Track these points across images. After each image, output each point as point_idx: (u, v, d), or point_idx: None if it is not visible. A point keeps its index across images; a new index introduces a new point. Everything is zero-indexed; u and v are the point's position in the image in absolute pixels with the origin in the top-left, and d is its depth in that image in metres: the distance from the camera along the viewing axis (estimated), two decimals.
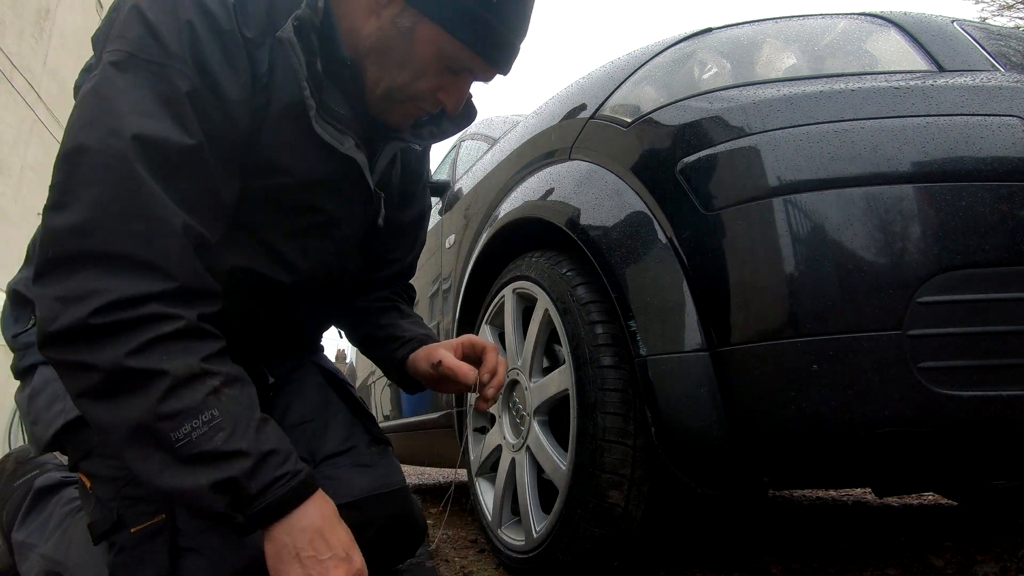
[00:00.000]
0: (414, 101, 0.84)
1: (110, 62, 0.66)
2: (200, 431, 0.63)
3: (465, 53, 0.79)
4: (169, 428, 0.63)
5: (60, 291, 0.62)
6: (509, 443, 1.26)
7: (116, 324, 0.62)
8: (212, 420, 0.64)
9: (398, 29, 0.78)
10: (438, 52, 0.79)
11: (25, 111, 4.63)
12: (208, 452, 0.64)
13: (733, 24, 1.13)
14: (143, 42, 0.66)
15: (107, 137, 0.63)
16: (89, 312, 0.61)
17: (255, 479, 0.65)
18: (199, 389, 0.65)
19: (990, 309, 0.74)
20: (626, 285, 0.95)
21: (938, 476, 1.01)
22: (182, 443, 0.63)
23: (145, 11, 0.67)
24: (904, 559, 1.12)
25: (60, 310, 0.62)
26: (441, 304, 1.88)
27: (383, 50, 0.80)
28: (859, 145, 0.80)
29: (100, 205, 0.63)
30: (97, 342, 0.62)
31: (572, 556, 1.01)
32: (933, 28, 1.01)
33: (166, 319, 0.64)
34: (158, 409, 0.62)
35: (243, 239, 0.79)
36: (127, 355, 0.62)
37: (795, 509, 1.87)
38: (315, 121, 0.76)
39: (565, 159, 1.21)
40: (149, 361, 0.62)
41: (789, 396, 0.78)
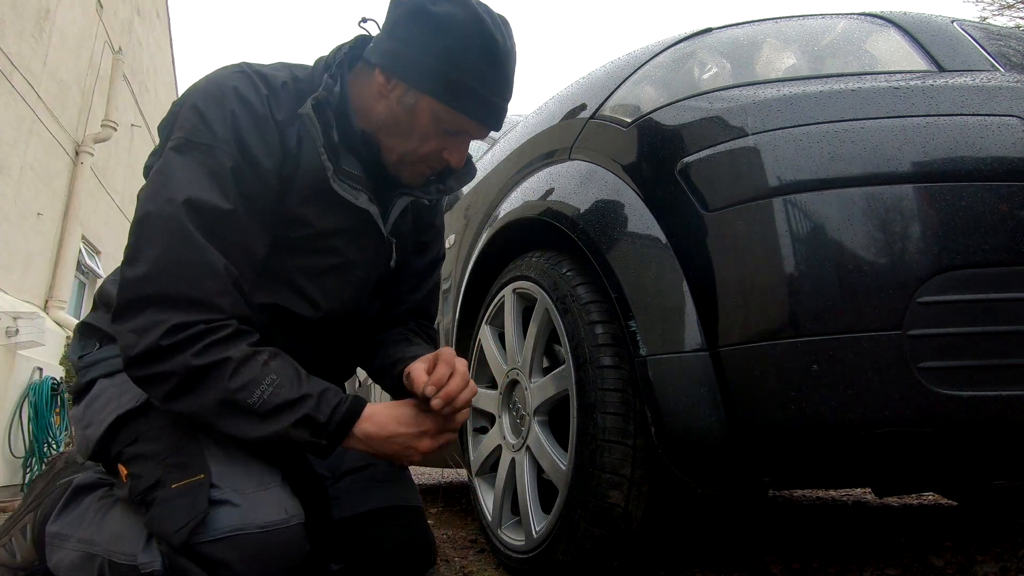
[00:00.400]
0: (424, 162, 1.00)
1: (171, 148, 0.87)
2: (269, 391, 0.83)
3: (461, 119, 0.95)
4: (245, 396, 0.82)
5: (134, 325, 0.81)
6: (509, 443, 1.26)
7: (180, 341, 0.80)
8: (273, 382, 0.83)
9: (403, 107, 0.95)
10: (438, 120, 0.95)
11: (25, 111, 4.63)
12: (281, 404, 0.83)
13: (733, 24, 1.13)
14: (196, 129, 0.86)
15: (164, 204, 0.82)
16: (159, 336, 0.79)
17: (321, 410, 0.85)
18: (255, 364, 0.84)
19: (990, 309, 0.74)
20: (626, 285, 0.95)
21: (938, 476, 1.01)
22: (259, 404, 0.82)
23: (199, 105, 0.88)
24: (904, 559, 1.12)
25: (136, 339, 0.80)
26: (441, 304, 1.88)
27: (393, 124, 0.97)
28: (859, 145, 0.80)
29: (160, 258, 0.81)
30: (169, 356, 0.80)
31: (572, 556, 1.01)
32: (933, 28, 1.01)
33: (217, 329, 0.82)
34: (230, 385, 0.81)
35: (274, 280, 0.95)
36: (193, 356, 0.80)
37: (795, 509, 1.87)
38: (332, 180, 0.93)
39: (565, 159, 1.21)
40: (211, 356, 0.81)
41: (789, 396, 0.78)
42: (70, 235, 5.49)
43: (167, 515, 0.80)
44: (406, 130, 0.97)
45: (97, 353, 0.97)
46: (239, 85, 0.90)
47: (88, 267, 6.48)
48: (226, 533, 0.79)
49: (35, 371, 3.74)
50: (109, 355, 0.96)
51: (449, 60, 0.91)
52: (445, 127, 0.96)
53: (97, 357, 0.96)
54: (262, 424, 0.83)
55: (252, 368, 0.83)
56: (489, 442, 1.35)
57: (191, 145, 0.86)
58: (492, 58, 0.93)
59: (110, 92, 6.19)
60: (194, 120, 0.87)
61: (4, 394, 3.48)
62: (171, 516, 0.80)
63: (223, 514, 0.81)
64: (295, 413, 0.84)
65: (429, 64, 0.92)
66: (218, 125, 0.87)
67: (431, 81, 0.92)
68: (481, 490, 1.39)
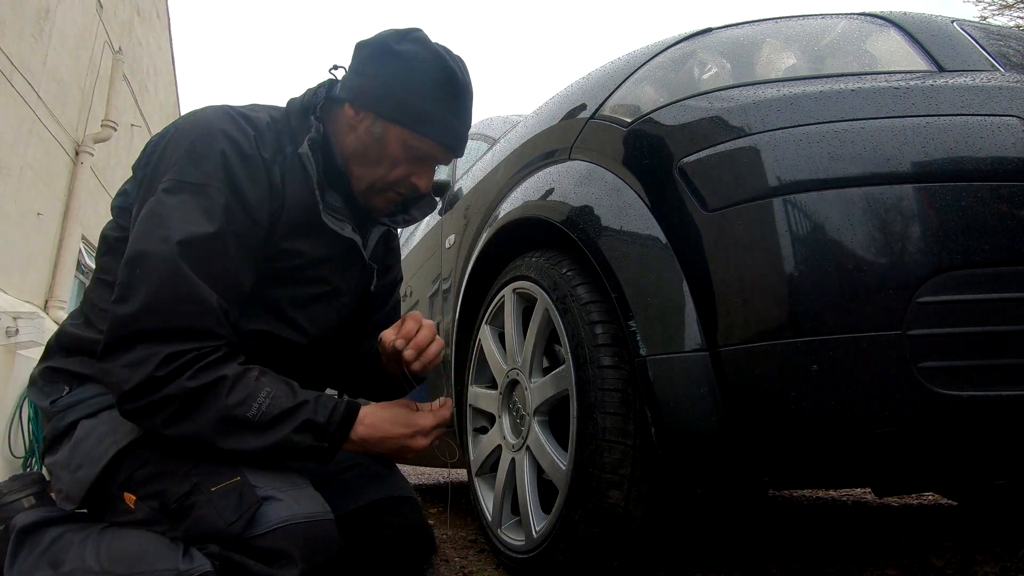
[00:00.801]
0: (393, 188, 1.06)
1: (163, 190, 0.89)
2: (267, 403, 0.85)
3: (428, 144, 1.02)
4: (244, 411, 0.84)
5: (126, 360, 0.82)
6: (509, 443, 1.26)
7: (175, 369, 0.82)
8: (269, 394, 0.86)
9: (372, 136, 1.02)
10: (405, 147, 1.02)
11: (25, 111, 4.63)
12: (280, 413, 0.86)
13: (733, 24, 1.13)
14: (186, 170, 0.90)
15: (159, 244, 0.85)
16: (154, 367, 0.81)
17: (319, 413, 0.89)
18: (249, 380, 0.86)
19: (990, 309, 0.74)
20: (626, 285, 0.95)
21: (938, 476, 1.01)
22: (259, 416, 0.85)
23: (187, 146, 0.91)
24: (904, 559, 1.12)
25: (130, 373, 0.81)
26: (441, 304, 1.88)
27: (363, 154, 1.04)
28: (859, 145, 0.80)
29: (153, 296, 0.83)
30: (164, 384, 0.82)
31: (572, 556, 1.01)
32: (933, 28, 1.01)
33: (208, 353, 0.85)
34: (228, 402, 0.84)
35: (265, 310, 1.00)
36: (188, 380, 0.82)
37: (795, 509, 1.87)
38: (323, 213, 1.00)
39: (565, 159, 1.21)
40: (206, 377, 0.83)
41: (789, 396, 0.78)
42: (70, 235, 5.49)
43: (215, 513, 0.81)
44: (375, 158, 1.03)
45: (72, 396, 0.95)
46: (226, 127, 0.94)
47: (88, 267, 6.48)
48: (277, 524, 0.81)
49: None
50: (87, 395, 0.94)
51: (413, 91, 1.00)
52: (413, 153, 1.03)
53: (74, 399, 0.94)
54: (264, 435, 0.85)
55: (246, 384, 0.86)
56: (489, 442, 1.35)
57: (183, 185, 0.89)
58: (453, 89, 1.02)
59: (110, 92, 6.19)
60: (184, 161, 0.90)
61: (4, 394, 3.48)
62: (220, 513, 0.81)
63: (271, 508, 0.83)
64: (295, 419, 0.87)
65: (396, 95, 1.00)
66: (208, 164, 0.90)
67: (398, 110, 1.00)
68: (481, 490, 1.39)
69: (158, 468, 0.87)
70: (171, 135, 0.95)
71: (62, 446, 0.92)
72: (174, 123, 0.98)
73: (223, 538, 0.80)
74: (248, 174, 0.94)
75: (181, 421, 0.83)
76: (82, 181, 5.63)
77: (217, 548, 0.80)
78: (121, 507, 0.88)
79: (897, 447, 0.77)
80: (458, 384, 1.61)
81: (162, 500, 0.85)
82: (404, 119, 1.00)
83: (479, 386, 1.47)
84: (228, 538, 0.80)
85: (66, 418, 0.93)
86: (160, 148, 0.95)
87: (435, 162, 1.07)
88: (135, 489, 0.87)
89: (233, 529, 0.80)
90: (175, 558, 0.79)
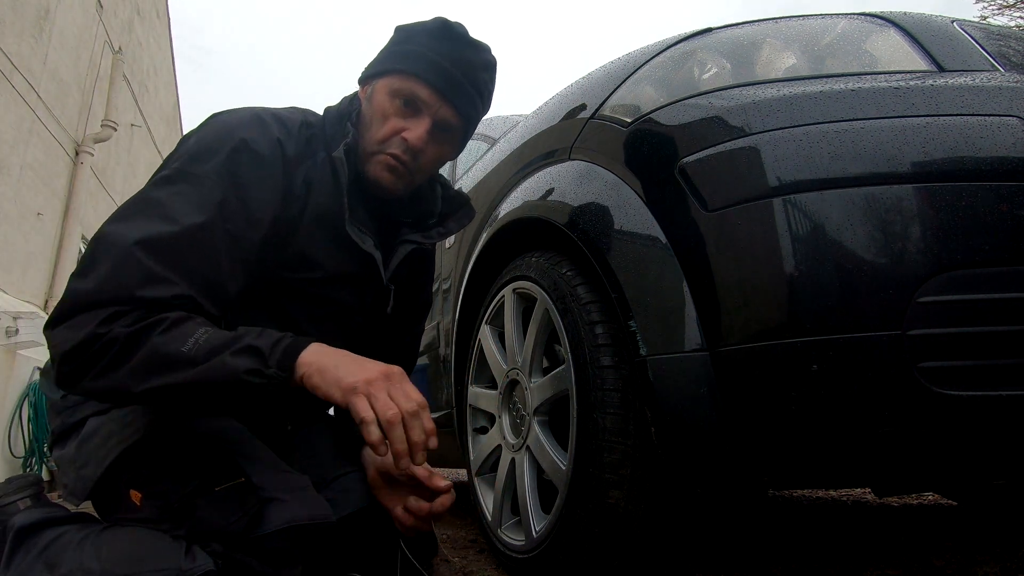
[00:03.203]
0: (383, 149, 0.97)
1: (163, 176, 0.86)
2: (203, 338, 0.77)
3: (410, 82, 0.95)
4: (177, 345, 0.76)
5: (69, 324, 0.77)
6: (509, 443, 1.26)
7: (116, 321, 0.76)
8: (207, 333, 0.78)
9: (368, 102, 0.99)
10: (391, 94, 0.96)
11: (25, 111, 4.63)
12: (219, 344, 0.77)
13: (733, 24, 1.13)
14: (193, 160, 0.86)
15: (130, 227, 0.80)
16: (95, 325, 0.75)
17: (262, 340, 0.79)
18: (189, 323, 0.79)
19: (990, 309, 0.74)
20: (626, 285, 0.95)
21: (938, 476, 1.01)
22: (193, 349, 0.76)
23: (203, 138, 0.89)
24: (904, 559, 1.12)
25: (71, 334, 0.76)
26: (441, 304, 1.88)
27: (365, 123, 0.99)
28: (859, 145, 0.80)
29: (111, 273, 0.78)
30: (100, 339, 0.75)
31: (572, 556, 1.01)
32: (933, 28, 1.01)
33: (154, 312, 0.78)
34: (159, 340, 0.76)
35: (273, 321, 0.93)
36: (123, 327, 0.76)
37: (795, 509, 1.87)
38: (348, 223, 0.94)
39: (565, 159, 1.21)
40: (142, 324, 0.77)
41: (789, 396, 0.78)
42: (70, 235, 5.49)
43: (218, 512, 0.81)
44: (369, 120, 0.98)
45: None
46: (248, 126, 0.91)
47: None
48: (280, 525, 0.81)
49: (35, 371, 3.74)
50: None
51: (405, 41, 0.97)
52: (399, 99, 0.96)
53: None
54: (199, 367, 0.75)
55: (185, 326, 0.78)
56: (489, 442, 1.35)
57: (182, 174, 0.86)
58: (449, 36, 0.96)
59: (110, 92, 6.19)
60: (194, 152, 0.88)
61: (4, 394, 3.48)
62: (223, 513, 0.80)
63: (275, 508, 0.82)
64: (236, 344, 0.78)
65: (388, 51, 0.99)
66: (215, 159, 0.87)
67: (387, 61, 0.98)
68: (481, 490, 1.39)
69: (163, 466, 0.87)
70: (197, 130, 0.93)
71: (70, 441, 0.92)
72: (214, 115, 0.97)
73: (225, 537, 0.80)
74: (256, 174, 0.89)
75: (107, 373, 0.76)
76: (82, 181, 5.64)
77: (220, 547, 0.80)
78: (127, 504, 0.88)
79: (897, 447, 0.77)
80: (458, 384, 1.61)
81: (166, 499, 0.85)
82: (388, 66, 0.98)
83: (479, 386, 1.47)
84: (230, 537, 0.80)
85: (75, 414, 0.93)
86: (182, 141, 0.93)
87: (427, 109, 0.96)
88: (141, 487, 0.87)
89: (235, 528, 0.80)
90: (177, 557, 0.79)
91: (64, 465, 0.92)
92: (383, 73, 0.98)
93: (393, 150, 0.97)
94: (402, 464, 0.77)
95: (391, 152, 0.97)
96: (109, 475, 0.87)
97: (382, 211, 1.04)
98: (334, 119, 1.02)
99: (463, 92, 0.98)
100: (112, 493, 0.89)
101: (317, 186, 0.96)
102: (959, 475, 1.01)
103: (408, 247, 1.05)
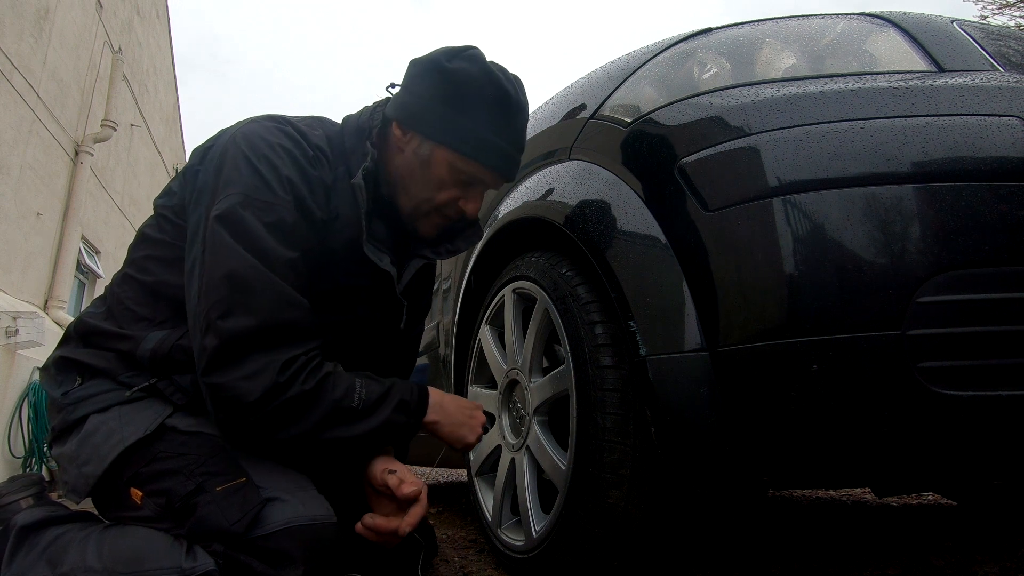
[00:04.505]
0: (440, 212, 1.03)
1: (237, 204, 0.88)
2: (364, 392, 0.91)
3: (477, 168, 0.99)
4: (349, 402, 0.90)
5: (243, 373, 0.84)
6: (509, 443, 1.26)
7: (293, 373, 0.86)
8: (363, 386, 0.92)
9: (419, 158, 1.00)
10: (454, 170, 0.99)
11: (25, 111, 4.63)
12: (377, 398, 0.93)
13: (733, 24, 1.13)
14: (255, 186, 0.90)
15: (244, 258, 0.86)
16: (275, 374, 0.84)
17: (407, 395, 0.96)
18: (342, 375, 0.92)
19: (990, 309, 0.74)
20: (625, 285, 0.95)
21: (938, 476, 1.01)
22: (361, 403, 0.91)
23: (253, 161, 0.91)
24: (904, 559, 1.12)
25: (251, 384, 0.83)
26: (441, 304, 1.88)
27: (409, 175, 1.01)
28: (859, 145, 0.80)
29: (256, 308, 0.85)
30: (285, 390, 0.85)
31: (572, 556, 1.01)
32: (933, 28, 1.01)
33: (313, 356, 0.89)
34: (335, 396, 0.89)
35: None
36: (303, 383, 0.86)
37: (795, 509, 1.87)
38: (366, 243, 0.98)
39: (565, 159, 1.21)
40: (316, 378, 0.88)
41: (789, 396, 0.78)
42: (70, 235, 5.49)
43: (219, 513, 0.81)
44: (421, 181, 1.00)
45: (83, 389, 0.94)
46: (288, 144, 0.94)
47: (88, 267, 6.48)
48: (281, 525, 0.82)
49: (35, 371, 3.74)
50: (98, 390, 0.93)
51: (463, 111, 0.96)
52: (461, 177, 0.99)
53: (85, 392, 0.93)
54: (369, 419, 0.91)
55: (342, 378, 0.91)
56: (489, 442, 1.35)
57: (251, 201, 0.89)
58: (505, 109, 0.98)
59: (110, 92, 6.19)
60: (250, 176, 0.90)
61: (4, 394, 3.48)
62: (224, 513, 0.81)
63: (276, 508, 0.83)
64: (391, 401, 0.94)
65: (443, 115, 0.96)
66: (275, 182, 0.91)
67: (446, 132, 0.97)
68: (481, 490, 1.39)
69: (165, 466, 0.87)
70: (230, 144, 0.93)
71: (71, 438, 0.92)
72: (228, 130, 0.97)
73: (226, 537, 0.80)
74: (311, 194, 0.94)
75: (294, 423, 0.86)
76: (82, 181, 5.63)
77: (221, 547, 0.80)
78: (128, 502, 0.88)
79: (897, 447, 0.77)
80: (458, 384, 1.61)
81: (168, 498, 0.85)
82: (452, 141, 0.97)
83: (479, 386, 1.47)
84: (231, 537, 0.80)
85: (76, 411, 0.93)
86: (218, 155, 0.93)
87: (484, 187, 1.03)
88: (142, 485, 0.87)
89: (236, 528, 0.80)
90: (178, 556, 0.79)
91: (65, 462, 0.93)
92: (440, 142, 0.97)
93: (449, 213, 1.04)
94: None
95: (447, 214, 1.04)
96: (110, 473, 0.88)
97: (397, 226, 1.07)
98: (353, 131, 1.03)
99: (517, 164, 1.04)
100: (113, 491, 0.90)
101: (337, 201, 0.99)
102: (959, 475, 1.01)
103: (419, 262, 1.08)
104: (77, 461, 0.90)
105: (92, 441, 0.90)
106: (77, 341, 0.99)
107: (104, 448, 0.88)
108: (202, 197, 0.92)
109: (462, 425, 1.03)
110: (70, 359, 0.97)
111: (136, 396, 0.91)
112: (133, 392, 0.91)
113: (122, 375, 0.93)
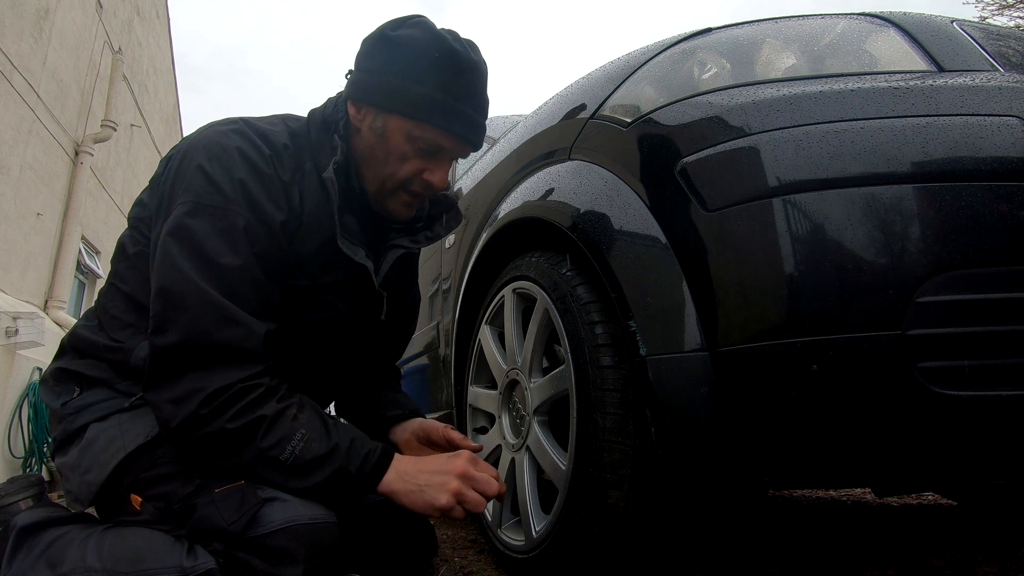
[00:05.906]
0: (404, 188, 1.00)
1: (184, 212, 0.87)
2: (300, 446, 0.85)
3: (432, 133, 0.95)
4: (277, 453, 0.84)
5: (171, 395, 0.83)
6: (509, 443, 1.26)
7: (217, 407, 0.82)
8: (304, 437, 0.86)
9: (375, 133, 0.97)
10: (409, 138, 0.95)
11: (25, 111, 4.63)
12: (312, 459, 0.86)
13: (733, 24, 1.13)
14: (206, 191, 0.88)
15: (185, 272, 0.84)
16: (196, 405, 0.82)
17: (351, 462, 0.88)
18: (285, 420, 0.86)
19: (990, 309, 0.74)
20: (625, 285, 0.95)
21: (938, 476, 1.01)
22: (291, 460, 0.85)
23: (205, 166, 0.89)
24: (904, 559, 1.12)
25: (175, 410, 0.82)
26: (441, 304, 1.88)
27: (370, 153, 0.99)
28: (859, 145, 0.80)
29: (189, 325, 0.83)
30: (206, 423, 0.82)
31: (572, 556, 1.01)
32: (933, 28, 1.01)
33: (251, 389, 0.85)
34: (262, 445, 0.84)
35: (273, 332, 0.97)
36: (227, 421, 0.83)
37: (795, 509, 1.87)
38: (339, 238, 0.96)
39: (565, 159, 1.21)
40: (245, 418, 0.83)
41: (789, 396, 0.78)
42: (70, 235, 5.49)
43: (218, 512, 0.81)
44: (382, 156, 0.98)
45: (82, 399, 0.94)
46: (242, 145, 0.92)
47: (88, 267, 6.48)
48: (281, 524, 0.82)
49: (35, 371, 3.74)
50: (97, 399, 0.94)
51: (411, 75, 0.93)
52: (420, 145, 0.96)
53: (84, 402, 0.94)
54: (296, 480, 0.86)
55: (283, 425, 0.86)
56: (489, 442, 1.35)
57: (202, 208, 0.87)
58: (455, 68, 0.94)
59: (110, 92, 6.19)
60: (201, 182, 0.89)
61: (4, 394, 3.48)
62: (223, 512, 0.81)
63: (276, 508, 0.83)
64: (328, 467, 0.87)
65: (391, 83, 0.94)
66: (227, 185, 0.89)
67: (395, 99, 0.94)
68: None
69: (165, 471, 0.88)
70: (186, 151, 0.93)
71: (72, 448, 0.93)
72: (188, 138, 0.96)
73: (225, 536, 0.80)
74: (267, 194, 0.92)
75: (224, 456, 0.85)
76: (82, 181, 5.63)
77: (221, 546, 0.80)
78: (128, 508, 0.89)
79: (897, 447, 0.77)
80: (458, 384, 1.61)
81: (167, 501, 0.86)
82: (403, 107, 0.94)
83: (479, 386, 1.47)
84: (229, 536, 0.80)
85: (76, 421, 0.93)
86: (175, 165, 0.93)
87: (448, 154, 0.99)
88: (142, 491, 0.88)
89: (234, 528, 0.80)
90: (179, 555, 0.80)
91: (67, 471, 0.93)
92: (392, 111, 0.95)
93: (415, 188, 1.00)
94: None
95: (413, 190, 1.00)
96: (112, 480, 0.89)
97: (371, 217, 1.05)
98: (319, 124, 1.01)
99: (479, 127, 1.00)
100: (114, 498, 0.90)
101: (308, 199, 0.97)
102: (959, 475, 1.01)
103: (397, 252, 1.06)
104: (79, 469, 0.90)
105: (93, 449, 0.90)
106: (72, 353, 1.00)
107: (105, 455, 0.89)
108: (161, 207, 0.92)
109: (428, 487, 0.90)
110: (67, 370, 0.98)
111: (136, 404, 0.92)
112: (133, 401, 0.92)
113: (119, 384, 0.94)
